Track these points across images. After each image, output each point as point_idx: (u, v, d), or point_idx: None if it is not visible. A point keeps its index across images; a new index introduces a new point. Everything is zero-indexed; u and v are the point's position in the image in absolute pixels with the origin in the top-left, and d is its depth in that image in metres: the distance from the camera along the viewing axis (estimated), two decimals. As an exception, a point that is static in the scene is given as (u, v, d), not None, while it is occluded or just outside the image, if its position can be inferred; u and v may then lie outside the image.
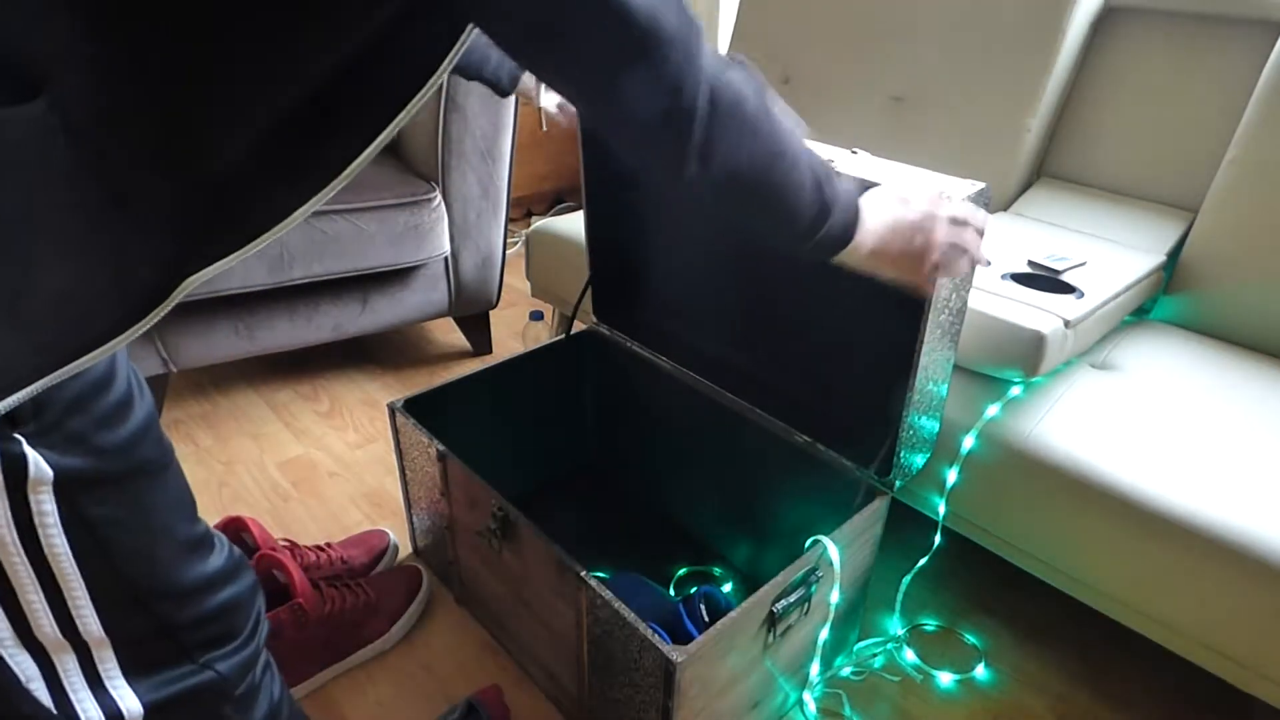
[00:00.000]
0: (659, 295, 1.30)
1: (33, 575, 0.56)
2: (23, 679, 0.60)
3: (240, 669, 0.70)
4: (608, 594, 0.86)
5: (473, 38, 0.55)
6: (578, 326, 1.39)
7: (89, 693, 0.63)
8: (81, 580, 0.58)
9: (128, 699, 0.65)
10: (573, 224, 1.60)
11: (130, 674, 0.64)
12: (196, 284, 0.55)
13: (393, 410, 1.15)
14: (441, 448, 1.07)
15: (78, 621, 0.60)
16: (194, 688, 0.68)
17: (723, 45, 2.19)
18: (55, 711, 0.62)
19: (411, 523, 1.30)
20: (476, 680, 1.11)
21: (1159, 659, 1.09)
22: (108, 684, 0.64)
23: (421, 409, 1.15)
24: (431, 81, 0.55)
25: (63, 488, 0.55)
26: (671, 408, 1.27)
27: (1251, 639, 0.88)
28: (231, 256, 0.55)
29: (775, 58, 1.78)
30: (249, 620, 0.71)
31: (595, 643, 0.91)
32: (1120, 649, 1.17)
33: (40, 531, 0.55)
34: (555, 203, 2.88)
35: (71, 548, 0.57)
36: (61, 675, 0.62)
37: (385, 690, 1.09)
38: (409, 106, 0.55)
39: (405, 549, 1.33)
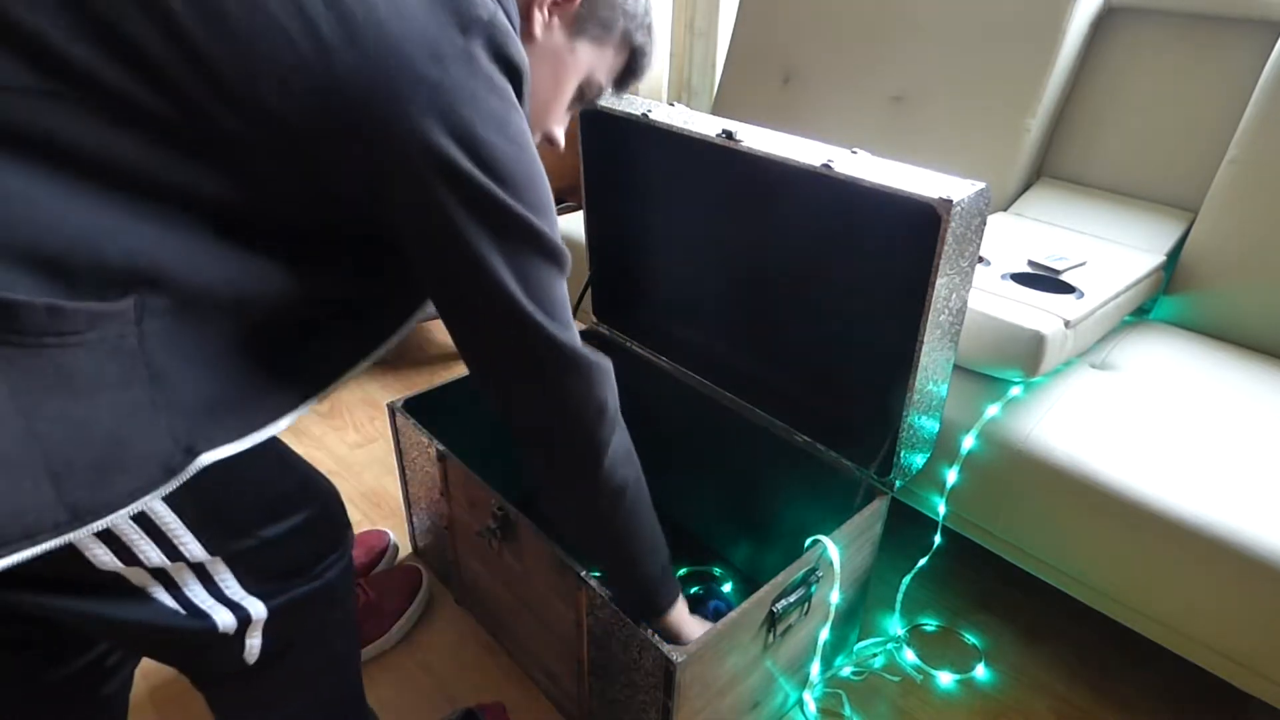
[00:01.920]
0: (659, 295, 1.30)
1: (129, 519, 0.57)
2: (147, 590, 0.63)
3: (344, 574, 0.75)
4: (607, 594, 0.86)
5: None
6: (578, 326, 1.39)
7: (214, 601, 0.66)
8: (178, 519, 0.60)
9: (252, 604, 0.68)
10: (573, 224, 1.59)
11: (248, 586, 0.67)
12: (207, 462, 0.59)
13: (393, 410, 1.15)
14: (441, 448, 1.07)
15: (181, 550, 0.62)
16: (310, 593, 0.72)
17: (722, 45, 2.19)
18: (184, 612, 0.65)
19: (411, 523, 1.30)
20: (476, 680, 1.11)
21: (1159, 659, 1.09)
22: (228, 594, 0.67)
23: (421, 409, 1.15)
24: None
25: None
26: (671, 408, 1.27)
27: (1250, 639, 0.88)
28: (235, 444, 0.60)
29: (775, 58, 1.78)
30: (344, 523, 0.76)
31: (595, 643, 0.91)
32: (1120, 649, 1.17)
33: None
34: (555, 203, 2.87)
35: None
36: (182, 586, 0.65)
37: (385, 690, 1.09)
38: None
39: (405, 549, 1.33)
